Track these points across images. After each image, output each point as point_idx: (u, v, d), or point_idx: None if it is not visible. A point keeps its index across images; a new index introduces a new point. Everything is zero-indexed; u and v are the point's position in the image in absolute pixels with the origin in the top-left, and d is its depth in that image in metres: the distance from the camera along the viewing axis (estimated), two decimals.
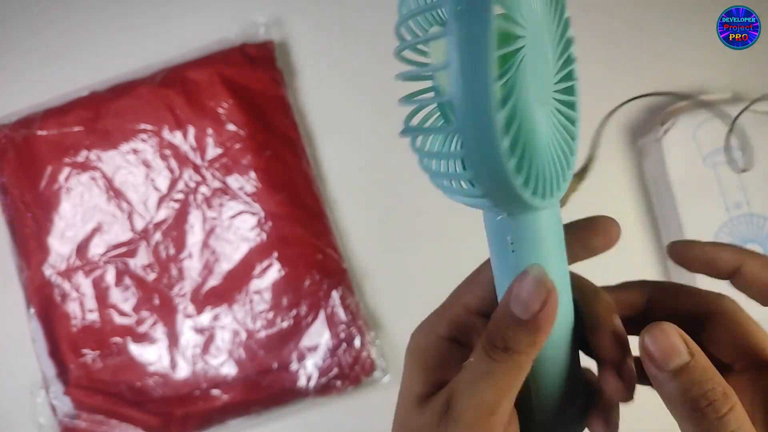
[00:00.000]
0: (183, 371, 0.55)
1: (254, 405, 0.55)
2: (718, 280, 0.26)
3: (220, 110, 0.57)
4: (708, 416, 0.20)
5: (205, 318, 0.56)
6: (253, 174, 0.56)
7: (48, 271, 0.56)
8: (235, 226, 0.56)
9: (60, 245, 0.56)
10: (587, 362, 0.26)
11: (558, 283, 0.22)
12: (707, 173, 0.53)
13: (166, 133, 0.57)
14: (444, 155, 0.21)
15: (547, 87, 0.21)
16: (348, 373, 0.54)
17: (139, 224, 0.57)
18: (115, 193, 0.57)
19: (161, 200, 0.57)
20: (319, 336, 0.55)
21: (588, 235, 0.25)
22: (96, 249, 0.56)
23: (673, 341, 0.21)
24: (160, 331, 0.55)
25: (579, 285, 0.25)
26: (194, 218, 0.56)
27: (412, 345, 0.26)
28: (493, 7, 0.16)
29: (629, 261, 0.53)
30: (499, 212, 0.22)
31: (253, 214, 0.56)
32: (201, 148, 0.57)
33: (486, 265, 0.26)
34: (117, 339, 0.55)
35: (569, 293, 0.24)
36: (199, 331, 0.56)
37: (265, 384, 0.55)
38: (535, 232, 0.21)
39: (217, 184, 0.57)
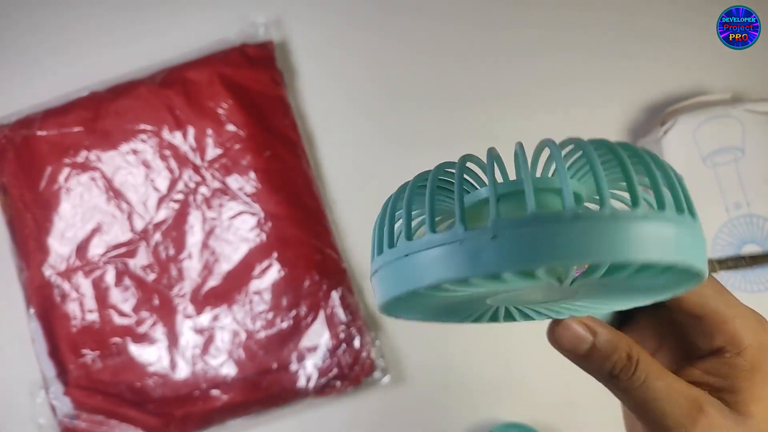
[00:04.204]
0: (183, 372, 0.55)
1: (254, 405, 0.55)
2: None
3: (220, 110, 0.57)
4: (621, 379, 0.23)
5: (205, 318, 0.56)
6: (252, 174, 0.56)
7: (48, 272, 0.56)
8: (235, 227, 0.56)
9: (60, 245, 0.56)
10: None
11: None
12: (707, 174, 0.53)
13: (166, 134, 0.57)
14: None
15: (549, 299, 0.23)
16: (348, 373, 0.54)
17: (139, 224, 0.56)
18: (114, 193, 0.57)
19: (161, 200, 0.57)
20: (318, 336, 0.55)
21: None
22: (96, 249, 0.56)
23: (574, 332, 0.24)
24: (159, 332, 0.55)
25: None
26: (194, 219, 0.56)
27: None
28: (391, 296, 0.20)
29: None
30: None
31: (253, 214, 0.56)
32: (201, 148, 0.57)
33: None
34: (117, 339, 0.55)
35: None
36: (199, 331, 0.55)
37: (265, 384, 0.55)
38: None
39: (216, 185, 0.57)
